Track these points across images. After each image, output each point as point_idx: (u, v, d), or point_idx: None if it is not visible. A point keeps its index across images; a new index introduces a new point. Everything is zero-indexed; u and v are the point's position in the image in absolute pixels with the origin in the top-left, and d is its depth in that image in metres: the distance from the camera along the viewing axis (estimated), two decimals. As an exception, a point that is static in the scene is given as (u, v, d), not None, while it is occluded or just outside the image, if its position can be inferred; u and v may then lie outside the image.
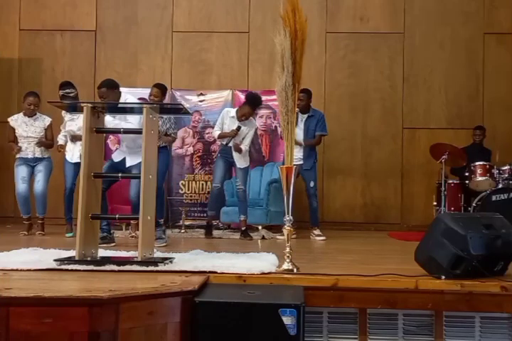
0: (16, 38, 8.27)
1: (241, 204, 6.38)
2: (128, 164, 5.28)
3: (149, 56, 8.20)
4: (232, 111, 6.35)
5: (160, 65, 8.17)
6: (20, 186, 6.36)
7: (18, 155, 6.41)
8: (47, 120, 6.49)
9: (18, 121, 6.46)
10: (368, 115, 8.12)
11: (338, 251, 5.27)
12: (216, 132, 6.38)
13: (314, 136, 6.49)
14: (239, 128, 6.18)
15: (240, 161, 6.30)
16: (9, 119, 6.53)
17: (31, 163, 6.41)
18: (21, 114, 6.50)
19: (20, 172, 6.39)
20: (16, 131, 6.44)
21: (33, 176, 6.42)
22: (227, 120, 6.30)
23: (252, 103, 6.27)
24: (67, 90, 6.31)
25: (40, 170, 6.40)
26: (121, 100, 5.20)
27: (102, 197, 4.46)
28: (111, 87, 5.21)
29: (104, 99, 5.13)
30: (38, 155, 6.41)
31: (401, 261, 4.09)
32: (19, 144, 6.41)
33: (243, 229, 6.28)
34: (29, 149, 6.41)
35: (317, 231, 6.39)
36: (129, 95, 5.34)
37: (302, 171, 6.23)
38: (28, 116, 6.44)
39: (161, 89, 6.07)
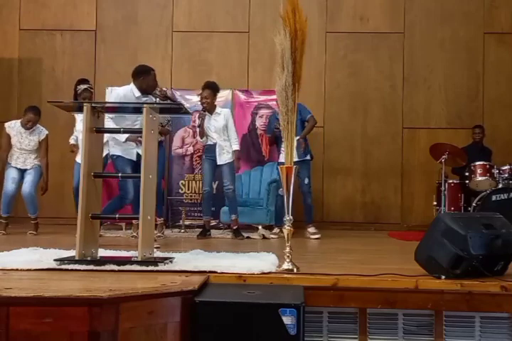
0: (16, 37, 8.27)
1: (231, 204, 6.38)
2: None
3: (149, 56, 8.19)
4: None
5: (160, 65, 8.14)
6: (9, 186, 6.37)
7: (9, 160, 6.43)
8: (43, 133, 6.46)
9: (14, 130, 6.42)
10: (367, 115, 8.12)
11: (338, 251, 5.27)
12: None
13: (299, 126, 6.46)
14: (203, 111, 6.29)
15: (223, 156, 6.24)
16: (6, 125, 6.48)
17: (22, 169, 6.45)
18: (19, 123, 6.43)
19: (11, 173, 6.41)
20: (11, 138, 6.42)
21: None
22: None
23: (203, 86, 6.33)
24: (89, 84, 6.28)
25: (30, 172, 6.42)
26: None
27: None
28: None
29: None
30: (28, 167, 6.44)
31: (401, 261, 4.09)
32: (11, 150, 6.41)
33: (235, 228, 6.30)
34: (19, 160, 6.42)
35: (312, 229, 6.38)
36: None
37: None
38: (26, 128, 6.41)
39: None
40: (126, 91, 5.32)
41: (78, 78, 6.54)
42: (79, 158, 6.27)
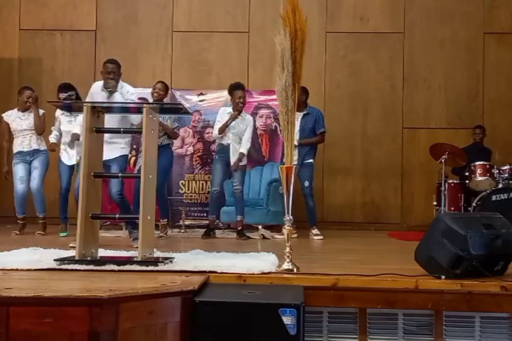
0: (16, 37, 8.28)
1: (238, 205, 6.38)
2: (104, 157, 5.17)
3: (149, 56, 8.20)
4: (229, 109, 6.38)
5: (160, 65, 8.18)
6: (19, 187, 6.37)
7: (14, 150, 6.44)
8: (40, 112, 6.50)
9: (12, 116, 6.51)
10: (367, 115, 8.12)
11: (338, 251, 5.27)
12: (216, 129, 6.35)
13: (310, 134, 6.50)
14: (236, 115, 6.23)
15: (236, 159, 6.29)
16: (3, 115, 6.57)
17: (28, 158, 6.42)
18: (15, 110, 6.54)
19: (19, 171, 6.39)
20: (10, 125, 6.48)
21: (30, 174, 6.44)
22: (226, 117, 6.31)
23: (234, 87, 6.33)
24: (70, 93, 6.30)
25: (36, 166, 6.40)
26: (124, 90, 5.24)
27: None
28: (119, 65, 5.30)
29: (113, 75, 5.18)
30: (34, 147, 6.42)
31: (401, 261, 4.09)
32: (14, 139, 6.45)
33: (239, 228, 6.30)
34: (25, 142, 6.43)
35: (315, 231, 6.40)
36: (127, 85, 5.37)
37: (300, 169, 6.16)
38: (22, 111, 6.47)
39: (165, 85, 6.31)
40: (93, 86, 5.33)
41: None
42: (63, 157, 6.31)
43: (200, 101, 7.77)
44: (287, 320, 2.88)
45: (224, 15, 8.22)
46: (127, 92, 5.25)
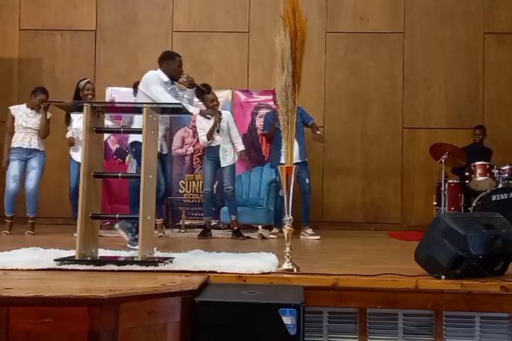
0: (16, 37, 8.28)
1: (230, 205, 6.41)
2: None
3: (149, 56, 8.13)
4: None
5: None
6: (11, 185, 6.35)
7: (13, 145, 6.40)
8: (48, 115, 6.50)
9: (19, 111, 6.49)
10: (367, 115, 8.12)
11: (338, 251, 5.27)
12: (203, 136, 6.37)
13: (300, 128, 6.50)
14: (219, 117, 6.26)
15: (226, 159, 6.32)
16: (11, 108, 6.54)
17: (25, 156, 6.39)
18: (24, 105, 6.53)
19: (13, 170, 6.36)
20: (16, 120, 6.45)
21: (25, 173, 6.41)
22: (202, 122, 6.39)
23: (203, 91, 6.29)
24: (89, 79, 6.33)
25: (34, 166, 6.38)
26: None
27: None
28: None
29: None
30: (34, 146, 6.41)
31: (401, 261, 4.09)
32: (16, 134, 6.41)
33: (235, 228, 6.30)
34: (26, 140, 6.41)
35: (310, 231, 6.39)
36: None
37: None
38: (31, 108, 6.48)
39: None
40: (157, 75, 5.37)
41: (79, 78, 6.55)
42: (75, 156, 6.29)
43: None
44: (287, 320, 2.88)
45: (224, 15, 8.22)
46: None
